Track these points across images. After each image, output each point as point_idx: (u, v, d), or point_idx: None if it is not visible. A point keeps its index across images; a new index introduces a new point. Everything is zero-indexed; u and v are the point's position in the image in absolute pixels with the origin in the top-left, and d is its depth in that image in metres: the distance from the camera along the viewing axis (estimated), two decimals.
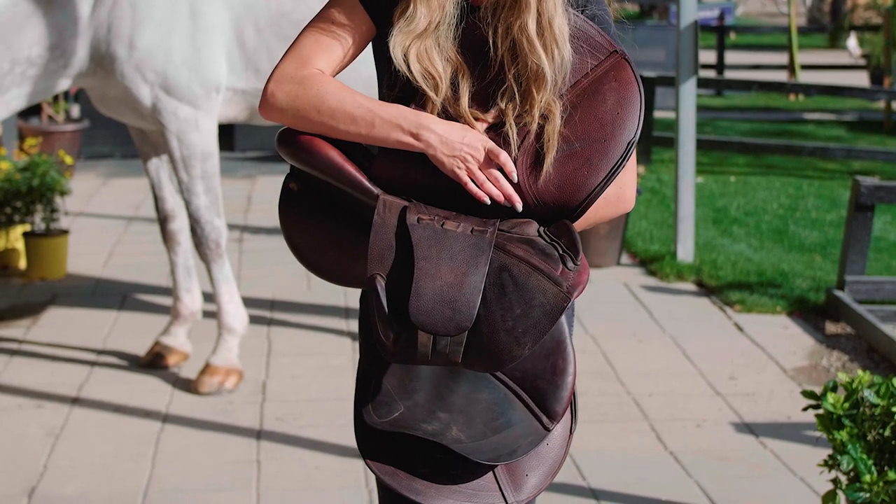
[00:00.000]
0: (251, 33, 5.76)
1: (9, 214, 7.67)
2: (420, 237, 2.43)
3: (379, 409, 2.48)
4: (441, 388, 2.50)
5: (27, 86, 5.59)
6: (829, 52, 19.93)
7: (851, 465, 3.71)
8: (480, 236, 2.44)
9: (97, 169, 11.25)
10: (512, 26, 2.53)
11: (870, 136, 13.31)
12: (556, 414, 2.50)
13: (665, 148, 11.54)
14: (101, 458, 5.17)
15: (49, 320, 6.90)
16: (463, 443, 2.45)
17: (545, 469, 2.60)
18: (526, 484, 2.58)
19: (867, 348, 6.53)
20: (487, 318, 2.41)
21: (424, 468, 2.52)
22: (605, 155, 2.47)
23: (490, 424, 2.48)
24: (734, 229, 9.03)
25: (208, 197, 5.84)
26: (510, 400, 2.50)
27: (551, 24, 2.52)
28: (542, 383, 2.50)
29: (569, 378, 2.51)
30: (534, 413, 2.50)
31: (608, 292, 7.48)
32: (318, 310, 7.07)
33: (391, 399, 2.49)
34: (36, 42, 5.50)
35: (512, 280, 2.42)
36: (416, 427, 2.46)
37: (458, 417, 2.48)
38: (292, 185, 2.60)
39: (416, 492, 2.51)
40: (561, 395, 2.50)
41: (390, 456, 2.52)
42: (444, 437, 2.45)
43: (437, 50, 2.53)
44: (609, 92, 2.51)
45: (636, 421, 5.56)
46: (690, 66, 8.03)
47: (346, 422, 5.47)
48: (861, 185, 6.88)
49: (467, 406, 2.49)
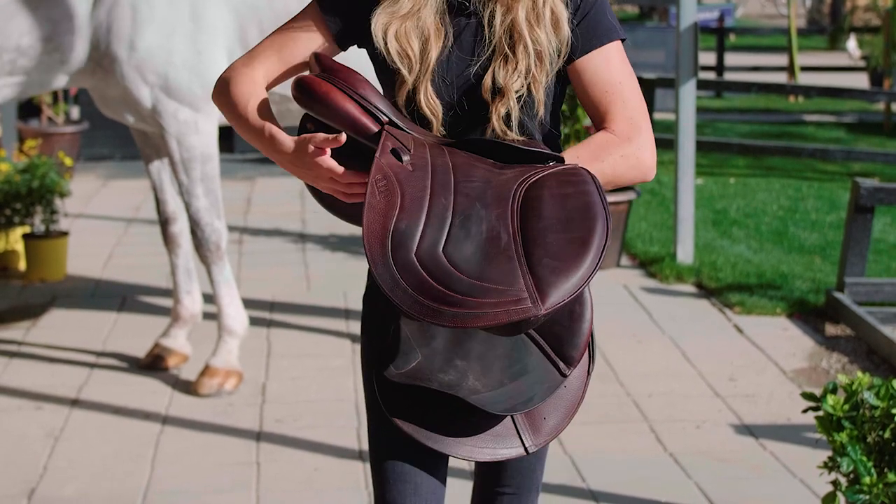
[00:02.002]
0: (254, 35, 5.76)
1: (8, 216, 7.67)
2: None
3: (396, 358, 2.49)
4: (460, 333, 2.51)
5: (17, 75, 5.60)
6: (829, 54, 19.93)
7: (851, 466, 3.71)
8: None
9: (97, 170, 11.25)
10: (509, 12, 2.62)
11: (869, 138, 13.31)
12: (572, 359, 2.50)
13: (665, 149, 11.49)
14: (100, 460, 5.17)
15: (49, 322, 6.90)
16: (479, 392, 2.46)
17: (563, 411, 2.62)
18: (544, 427, 2.60)
19: (867, 350, 6.52)
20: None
21: (442, 417, 2.54)
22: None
23: (507, 371, 2.49)
24: (734, 231, 9.03)
25: (208, 199, 5.84)
26: (527, 346, 2.51)
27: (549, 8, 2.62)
28: (559, 329, 2.50)
29: (586, 323, 2.51)
30: (551, 359, 2.50)
31: (608, 294, 7.48)
32: (318, 311, 7.07)
33: (409, 347, 2.50)
34: (26, 32, 5.51)
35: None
36: (432, 378, 2.47)
37: (475, 365, 2.49)
38: (309, 125, 2.64)
39: (435, 440, 2.55)
40: (578, 340, 2.50)
41: (409, 407, 2.55)
42: (460, 388, 2.46)
43: (417, 31, 2.61)
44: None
45: (636, 422, 5.56)
46: (690, 68, 8.03)
47: (346, 423, 5.48)
48: (861, 187, 6.88)
49: (485, 352, 2.50)
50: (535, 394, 2.48)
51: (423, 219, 2.39)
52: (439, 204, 2.41)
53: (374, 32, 2.61)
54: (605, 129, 2.66)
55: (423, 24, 2.62)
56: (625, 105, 2.66)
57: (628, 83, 2.68)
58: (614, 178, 2.62)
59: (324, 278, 7.71)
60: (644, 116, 2.66)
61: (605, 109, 2.67)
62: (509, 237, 2.38)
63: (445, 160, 2.51)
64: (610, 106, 2.66)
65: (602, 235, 2.39)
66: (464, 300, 2.30)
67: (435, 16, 2.63)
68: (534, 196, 2.44)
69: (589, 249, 2.37)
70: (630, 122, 2.64)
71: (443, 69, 2.64)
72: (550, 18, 2.62)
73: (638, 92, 2.69)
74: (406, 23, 2.61)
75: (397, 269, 2.33)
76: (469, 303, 2.30)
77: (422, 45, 2.62)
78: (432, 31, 2.62)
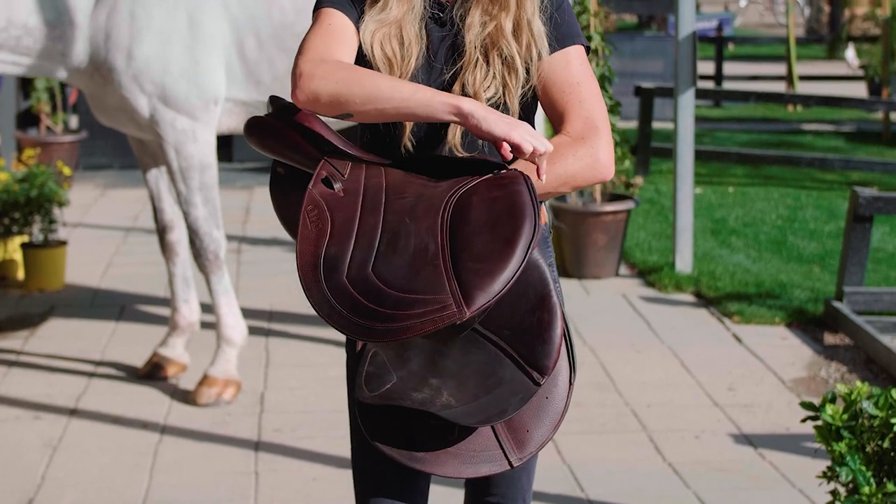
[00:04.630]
0: (252, 45, 5.76)
1: (7, 225, 7.67)
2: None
3: (370, 382, 2.52)
4: (434, 354, 2.52)
5: (21, 54, 5.65)
6: (828, 63, 19.94)
7: (850, 476, 3.71)
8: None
9: (95, 180, 11.25)
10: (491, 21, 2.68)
11: (868, 147, 13.31)
12: (545, 368, 2.50)
13: (663, 159, 11.54)
14: (99, 470, 5.17)
15: (47, 331, 6.90)
16: (452, 407, 2.47)
17: (548, 423, 2.63)
18: (529, 440, 2.61)
19: (866, 359, 6.52)
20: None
21: (423, 436, 2.56)
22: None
23: (482, 385, 2.50)
24: (733, 240, 9.03)
25: (206, 208, 5.84)
26: (500, 359, 2.51)
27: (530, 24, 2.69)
28: (530, 338, 2.51)
29: (555, 331, 2.51)
30: (524, 370, 2.50)
31: (606, 303, 7.48)
32: (317, 321, 7.06)
33: (385, 371, 2.52)
34: (33, 11, 5.57)
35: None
36: (405, 397, 2.49)
37: (450, 382, 2.50)
38: (279, 168, 2.71)
39: (417, 460, 2.57)
40: (549, 349, 2.50)
41: (390, 429, 2.57)
42: (433, 404, 2.48)
43: (400, 37, 2.69)
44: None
45: (634, 432, 5.56)
46: (689, 77, 8.03)
47: (344, 433, 5.44)
48: (859, 196, 6.88)
49: (459, 369, 2.51)
50: (510, 405, 2.49)
51: (353, 241, 2.46)
52: (367, 224, 2.48)
53: (362, 38, 2.69)
54: (561, 130, 2.70)
55: (405, 31, 2.69)
56: (581, 105, 2.69)
57: (587, 84, 2.72)
58: (569, 178, 2.63)
59: None
60: (602, 117, 2.68)
61: (562, 109, 2.71)
62: (437, 246, 2.43)
63: (380, 180, 2.56)
64: (567, 105, 2.70)
65: (529, 232, 2.42)
66: (392, 314, 2.36)
67: (417, 23, 2.71)
68: (464, 204, 2.49)
69: (514, 247, 2.41)
70: (586, 121, 2.66)
71: (420, 76, 2.70)
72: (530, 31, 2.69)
73: (597, 94, 2.72)
74: (391, 28, 2.69)
75: (331, 293, 2.40)
76: (397, 316, 2.36)
77: (403, 52, 2.69)
78: (413, 39, 2.69)
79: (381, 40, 2.68)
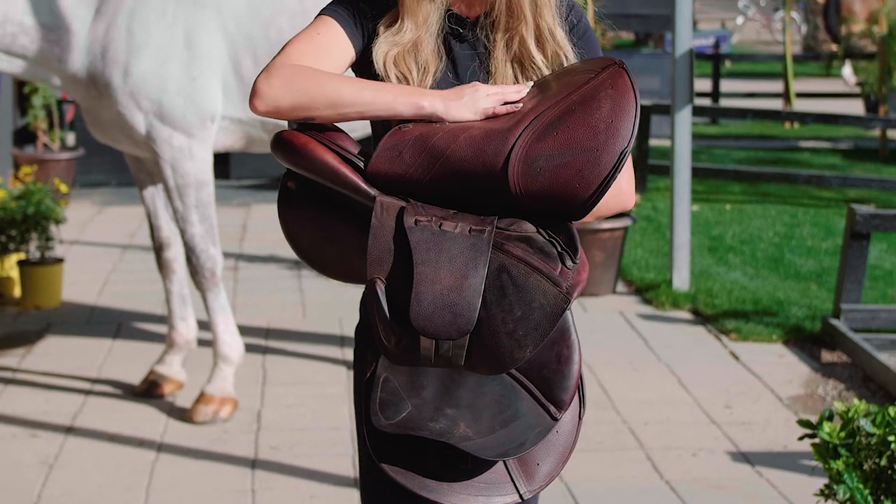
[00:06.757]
0: (249, 64, 5.76)
1: (4, 243, 7.66)
2: (418, 240, 2.45)
3: (386, 409, 2.48)
4: (448, 382, 2.51)
5: (17, 54, 5.68)
6: (825, 81, 19.97)
7: (848, 494, 3.70)
8: (478, 236, 2.46)
9: (92, 197, 11.25)
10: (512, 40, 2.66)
11: (865, 165, 13.33)
12: (563, 403, 2.51)
13: (660, 176, 11.55)
14: (95, 488, 5.16)
15: (44, 349, 6.89)
16: (471, 440, 2.46)
17: (556, 457, 2.62)
18: (538, 473, 2.60)
19: (863, 377, 6.52)
20: (488, 321, 2.43)
21: (435, 465, 2.54)
22: (596, 166, 2.46)
23: (497, 417, 2.49)
24: (730, 257, 9.03)
25: (203, 226, 5.83)
26: (517, 391, 2.51)
27: (552, 34, 2.67)
28: (548, 373, 2.51)
29: (574, 366, 2.52)
30: (541, 403, 2.51)
31: (604, 321, 7.48)
32: (314, 338, 7.06)
33: (399, 398, 2.49)
34: (30, 12, 5.58)
35: (511, 281, 2.44)
36: (423, 427, 2.46)
37: (466, 413, 2.49)
38: (290, 183, 2.64)
39: (428, 489, 2.54)
40: (567, 383, 2.51)
41: (401, 455, 2.54)
42: (451, 435, 2.46)
43: (415, 57, 2.65)
44: (605, 99, 2.52)
45: (632, 449, 5.55)
46: (686, 95, 8.04)
47: (341, 451, 5.46)
48: (856, 214, 6.88)
49: (474, 400, 2.50)
50: (528, 438, 2.49)
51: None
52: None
53: (375, 59, 2.64)
54: None
55: (421, 50, 2.66)
56: None
57: None
58: (596, 208, 2.62)
59: (319, 305, 7.70)
60: None
61: None
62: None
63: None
64: None
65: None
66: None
67: (434, 41, 2.67)
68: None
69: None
70: None
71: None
72: (553, 39, 2.67)
73: None
74: (406, 48, 2.65)
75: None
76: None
77: (419, 70, 2.65)
78: (430, 57, 2.66)
79: (396, 59, 2.64)
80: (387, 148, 2.53)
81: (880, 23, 14.17)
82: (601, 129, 2.47)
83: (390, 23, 2.66)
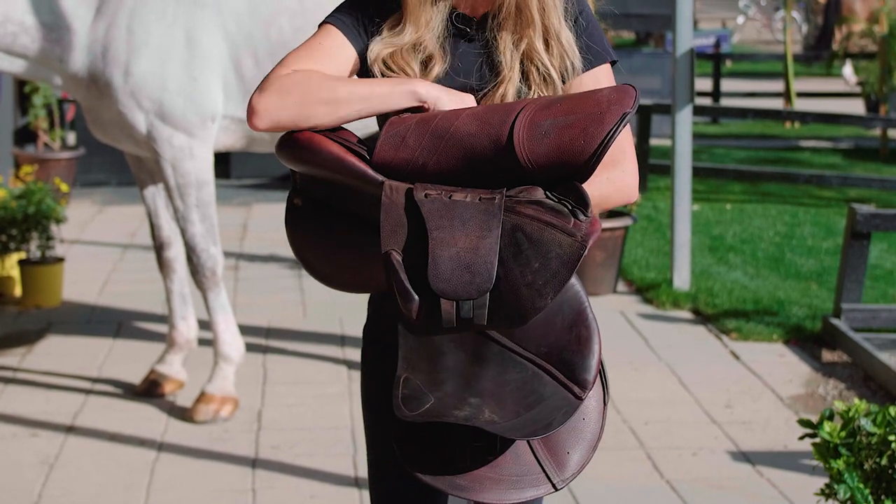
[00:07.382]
0: (250, 63, 5.76)
1: (4, 242, 7.66)
2: (430, 209, 2.46)
3: (409, 402, 2.47)
4: (468, 375, 2.50)
5: (17, 53, 5.68)
6: (825, 80, 19.97)
7: (848, 494, 3.70)
8: (489, 202, 2.46)
9: (93, 196, 11.25)
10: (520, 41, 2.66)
11: (866, 164, 13.33)
12: (586, 383, 2.49)
13: (661, 175, 11.55)
14: (95, 487, 5.16)
15: (44, 348, 6.89)
16: (497, 423, 2.45)
17: (585, 444, 2.61)
18: (569, 462, 2.59)
19: (864, 376, 6.52)
20: (507, 276, 2.43)
21: (463, 462, 2.53)
22: (600, 124, 2.47)
23: (522, 402, 2.48)
24: (730, 257, 9.03)
25: (204, 225, 5.84)
26: (539, 377, 2.50)
27: (559, 36, 2.67)
28: (569, 354, 2.50)
29: (594, 346, 2.51)
30: (564, 385, 2.49)
31: (604, 320, 7.45)
32: (314, 338, 7.06)
33: (421, 393, 2.48)
34: (31, 11, 5.59)
35: (526, 238, 2.44)
36: (448, 414, 2.45)
37: (490, 401, 2.48)
38: (296, 200, 2.62)
39: (459, 488, 2.52)
40: (589, 363, 2.50)
41: (428, 456, 2.53)
42: (477, 419, 2.44)
43: (416, 55, 2.65)
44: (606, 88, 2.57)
45: (632, 449, 5.55)
46: (686, 94, 8.04)
47: (342, 450, 5.46)
48: (857, 213, 6.88)
49: (497, 389, 2.49)
50: (554, 418, 2.47)
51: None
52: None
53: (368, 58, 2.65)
54: None
55: (424, 49, 2.65)
56: None
57: None
58: (601, 200, 2.63)
59: (320, 305, 7.70)
60: (629, 140, 2.69)
61: None
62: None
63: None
64: None
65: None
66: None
67: (436, 41, 2.66)
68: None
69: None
70: (616, 145, 2.66)
71: None
72: (559, 42, 2.68)
73: None
74: (405, 48, 2.64)
75: None
76: None
77: (421, 66, 2.65)
78: (434, 54, 2.66)
79: (392, 57, 2.64)
80: (389, 135, 2.53)
81: (881, 22, 14.17)
82: (603, 101, 2.50)
83: (393, 25, 2.67)
